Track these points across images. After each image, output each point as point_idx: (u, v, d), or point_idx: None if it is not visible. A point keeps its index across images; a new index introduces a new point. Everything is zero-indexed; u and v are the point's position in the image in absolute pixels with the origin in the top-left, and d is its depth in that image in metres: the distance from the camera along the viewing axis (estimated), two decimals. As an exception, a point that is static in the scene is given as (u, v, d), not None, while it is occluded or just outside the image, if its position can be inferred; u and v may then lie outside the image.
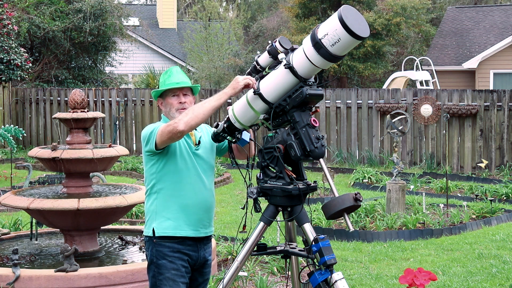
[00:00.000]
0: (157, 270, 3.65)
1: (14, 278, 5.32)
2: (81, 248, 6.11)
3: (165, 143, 3.57)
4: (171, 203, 3.67)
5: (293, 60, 3.32)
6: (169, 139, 3.55)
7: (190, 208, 3.68)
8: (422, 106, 13.97)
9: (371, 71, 27.21)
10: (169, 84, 3.77)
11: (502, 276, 6.41)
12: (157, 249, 3.66)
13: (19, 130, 9.59)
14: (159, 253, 3.65)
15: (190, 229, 3.68)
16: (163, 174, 3.67)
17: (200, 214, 3.72)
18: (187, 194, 3.68)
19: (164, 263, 3.64)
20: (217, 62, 23.85)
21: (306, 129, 3.38)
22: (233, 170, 13.30)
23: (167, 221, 3.65)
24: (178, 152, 3.68)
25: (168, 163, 3.67)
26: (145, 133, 3.67)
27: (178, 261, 3.66)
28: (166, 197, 3.68)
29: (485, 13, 27.42)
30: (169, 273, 3.63)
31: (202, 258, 3.78)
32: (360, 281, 6.29)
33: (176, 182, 3.67)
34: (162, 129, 3.55)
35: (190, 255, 3.71)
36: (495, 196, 10.62)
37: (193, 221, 3.69)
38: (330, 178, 3.46)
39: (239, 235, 6.16)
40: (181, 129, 3.47)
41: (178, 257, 3.66)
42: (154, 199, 3.70)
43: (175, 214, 3.66)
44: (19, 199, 6.10)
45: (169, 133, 3.51)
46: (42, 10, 20.12)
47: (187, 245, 3.69)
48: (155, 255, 3.66)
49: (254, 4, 42.24)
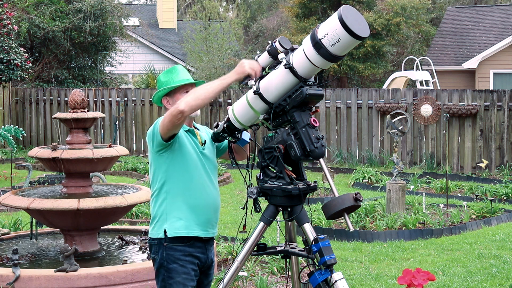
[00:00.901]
0: (168, 274, 3.59)
1: (14, 278, 5.31)
2: (81, 248, 6.11)
3: (168, 129, 3.48)
4: (181, 203, 3.61)
5: (293, 60, 3.32)
6: (171, 123, 3.45)
7: (200, 208, 3.64)
8: (422, 106, 13.97)
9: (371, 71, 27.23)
10: (181, 81, 3.73)
11: (502, 276, 6.41)
12: (168, 253, 3.59)
13: (19, 130, 9.59)
14: (170, 257, 3.58)
15: (200, 229, 3.64)
16: (173, 172, 3.60)
17: (209, 214, 3.68)
18: (197, 193, 3.64)
19: (175, 267, 3.58)
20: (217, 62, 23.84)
21: (306, 129, 3.38)
22: (233, 170, 13.30)
23: (179, 221, 3.59)
24: (187, 150, 3.63)
25: (178, 160, 3.61)
26: (150, 131, 3.63)
27: (189, 265, 3.61)
28: (176, 197, 3.61)
29: (485, 13, 27.42)
30: (180, 277, 3.58)
31: (210, 260, 3.76)
32: (360, 281, 6.29)
33: (186, 181, 3.61)
34: (163, 117, 3.50)
35: (200, 258, 3.66)
36: (495, 196, 10.62)
37: (202, 221, 3.65)
38: (330, 178, 3.46)
39: (239, 235, 6.17)
40: (181, 108, 3.39)
41: (189, 260, 3.61)
42: (164, 199, 3.63)
43: (186, 214, 3.60)
44: (19, 199, 6.10)
45: (170, 116, 3.43)
46: (42, 10, 20.12)
47: (197, 247, 3.64)
48: (165, 259, 3.59)
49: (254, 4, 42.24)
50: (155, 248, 3.64)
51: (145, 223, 8.39)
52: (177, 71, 3.78)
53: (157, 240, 3.63)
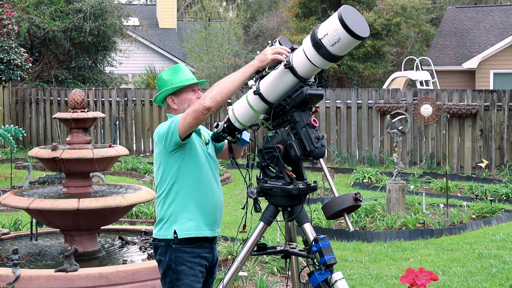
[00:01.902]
0: (176, 276, 3.57)
1: (14, 278, 5.31)
2: (81, 248, 6.11)
3: (191, 127, 3.42)
4: (191, 204, 3.59)
5: (293, 60, 3.32)
6: (196, 120, 3.39)
7: (209, 208, 3.64)
8: (422, 106, 13.97)
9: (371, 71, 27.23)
10: (189, 80, 3.72)
11: (502, 276, 6.41)
12: (177, 255, 3.56)
13: (19, 130, 9.58)
14: (178, 259, 3.56)
15: (208, 230, 3.63)
16: (184, 172, 3.57)
17: (216, 214, 3.68)
18: (207, 193, 3.63)
19: (184, 269, 3.56)
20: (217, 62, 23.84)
21: (306, 129, 3.38)
22: (233, 170, 13.30)
23: (189, 222, 3.57)
24: (197, 150, 3.61)
25: (190, 160, 3.58)
26: (162, 130, 3.55)
27: (197, 266, 3.60)
28: (186, 197, 3.58)
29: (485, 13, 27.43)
30: (188, 279, 3.57)
31: (216, 259, 3.77)
32: (360, 281, 6.29)
33: (197, 182, 3.59)
34: (184, 115, 3.43)
35: (207, 258, 3.66)
36: (495, 196, 10.62)
37: (210, 221, 3.64)
38: (330, 178, 3.46)
39: (239, 235, 6.16)
40: (208, 105, 3.34)
41: (197, 262, 3.60)
42: (173, 200, 3.59)
43: (195, 214, 3.59)
44: (19, 199, 6.10)
45: (194, 113, 3.37)
46: (42, 10, 20.12)
47: (204, 247, 3.63)
48: (174, 261, 3.56)
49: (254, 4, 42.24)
50: (162, 249, 3.61)
51: (145, 223, 8.38)
52: (181, 70, 3.77)
53: (164, 241, 3.60)
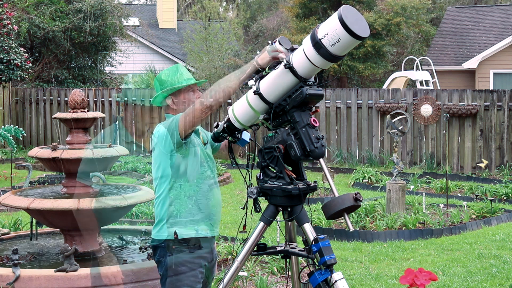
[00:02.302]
0: (176, 277, 3.57)
1: (14, 278, 5.31)
2: (81, 248, 6.10)
3: (194, 125, 3.45)
4: (192, 204, 3.60)
5: (293, 60, 3.32)
6: (198, 119, 3.41)
7: (209, 208, 3.65)
8: (422, 106, 13.97)
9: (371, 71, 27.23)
10: (189, 80, 3.74)
11: (502, 276, 6.41)
12: (176, 255, 3.57)
13: (19, 130, 9.58)
14: (178, 260, 3.57)
15: (208, 229, 3.64)
16: (183, 173, 3.57)
17: (216, 214, 3.70)
18: (207, 193, 3.64)
19: (184, 269, 3.57)
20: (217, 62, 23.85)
21: (306, 129, 3.38)
22: (233, 170, 13.30)
23: (190, 222, 3.59)
24: (196, 150, 3.62)
25: (190, 160, 3.59)
26: (162, 130, 3.56)
27: (198, 267, 3.61)
28: (186, 197, 3.59)
29: (485, 13, 27.43)
30: (188, 280, 3.58)
31: (215, 257, 3.78)
32: (360, 281, 6.29)
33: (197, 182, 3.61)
34: (184, 114, 3.44)
35: (207, 258, 3.67)
36: (495, 196, 10.62)
37: (210, 221, 3.66)
38: (330, 178, 3.46)
39: (239, 235, 6.16)
40: (208, 104, 3.36)
41: (197, 263, 3.61)
42: (172, 200, 3.60)
43: (196, 215, 3.60)
44: (19, 199, 6.10)
45: (195, 111, 3.39)
46: (42, 10, 20.12)
47: (203, 247, 3.64)
48: (174, 262, 3.57)
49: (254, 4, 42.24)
50: (162, 250, 3.61)
51: (145, 223, 8.38)
52: (180, 70, 3.79)
53: (164, 242, 3.60)
